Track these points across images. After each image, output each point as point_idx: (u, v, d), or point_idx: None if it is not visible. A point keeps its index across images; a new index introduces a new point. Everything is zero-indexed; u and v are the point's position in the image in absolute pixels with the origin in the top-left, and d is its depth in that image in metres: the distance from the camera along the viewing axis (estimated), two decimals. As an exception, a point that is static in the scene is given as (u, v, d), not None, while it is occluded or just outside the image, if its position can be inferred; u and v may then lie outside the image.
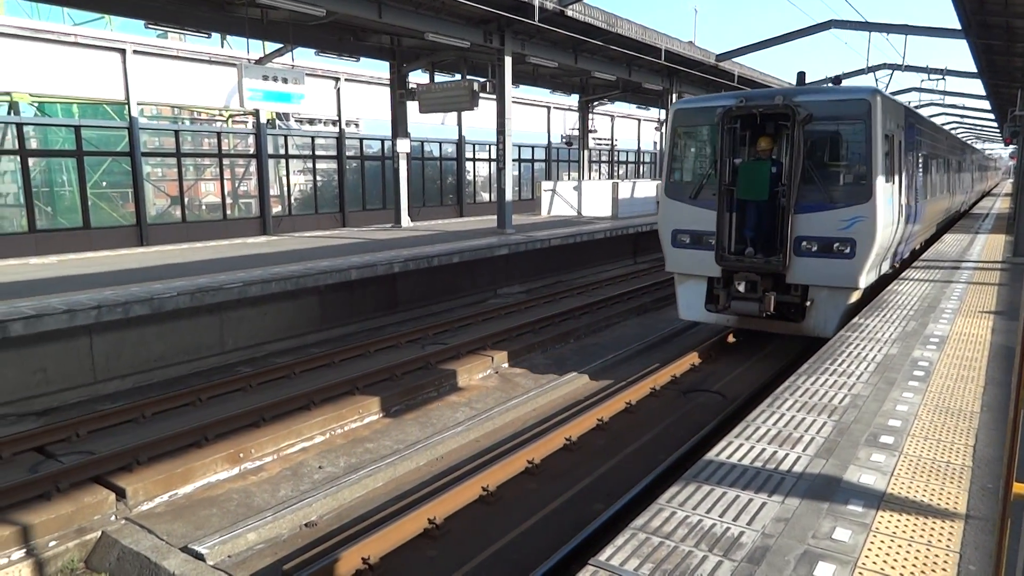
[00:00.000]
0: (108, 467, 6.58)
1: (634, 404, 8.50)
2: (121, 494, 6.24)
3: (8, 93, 16.45)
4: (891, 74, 24.01)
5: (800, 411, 4.90)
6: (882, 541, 3.15)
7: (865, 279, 8.86)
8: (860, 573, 2.89)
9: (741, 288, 9.22)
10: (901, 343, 6.81)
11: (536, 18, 14.87)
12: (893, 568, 2.93)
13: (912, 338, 7.01)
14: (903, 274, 11.06)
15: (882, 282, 10.34)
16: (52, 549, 5.65)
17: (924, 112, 25.76)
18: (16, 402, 8.45)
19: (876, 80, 26.54)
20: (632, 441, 7.55)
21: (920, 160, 12.37)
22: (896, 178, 9.50)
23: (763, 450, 4.20)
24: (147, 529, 5.90)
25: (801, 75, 10.66)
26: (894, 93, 25.18)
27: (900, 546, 3.11)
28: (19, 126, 16.45)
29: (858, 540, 3.15)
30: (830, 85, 11.76)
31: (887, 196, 8.86)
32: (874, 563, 2.97)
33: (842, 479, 3.79)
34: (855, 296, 9.02)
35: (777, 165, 9.06)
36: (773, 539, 3.16)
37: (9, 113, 16.74)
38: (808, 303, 9.06)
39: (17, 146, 16.42)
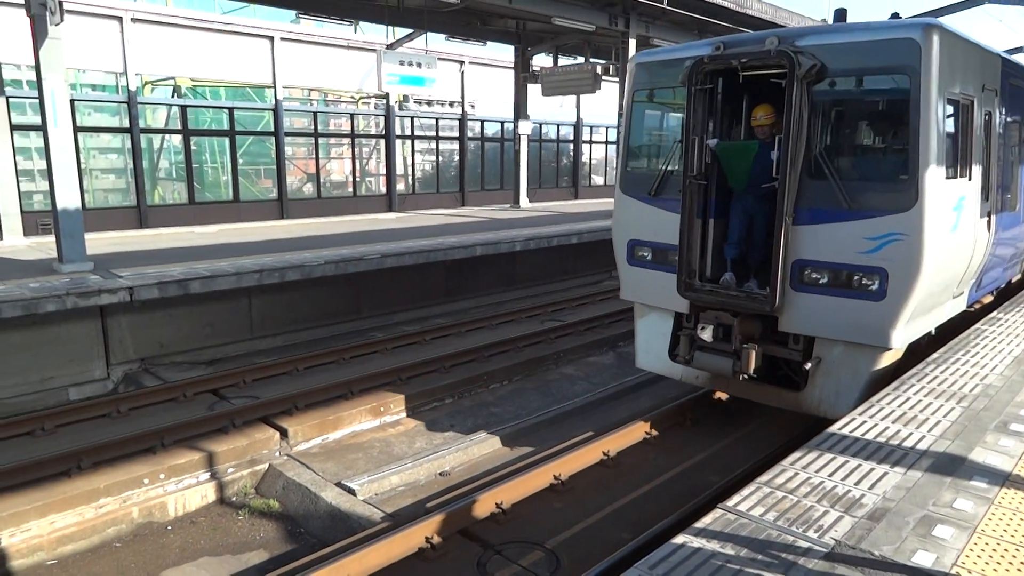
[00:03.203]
0: (272, 410, 7.52)
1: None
2: (284, 434, 7.15)
3: (172, 78, 18.27)
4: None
5: (927, 396, 4.97)
6: (1003, 513, 3.30)
7: (904, 333, 5.61)
8: (979, 537, 3.08)
9: (706, 334, 6.11)
10: (1042, 338, 6.58)
11: (665, 0, 14.89)
12: (1013, 536, 3.10)
13: (1055, 334, 6.75)
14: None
15: (954, 327, 7.04)
16: (230, 475, 6.60)
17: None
18: (190, 351, 9.68)
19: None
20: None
21: None
22: (971, 171, 6.16)
23: (887, 428, 4.36)
24: (306, 465, 6.75)
25: (841, 12, 6.74)
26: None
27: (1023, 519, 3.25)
28: (183, 108, 18.25)
29: (979, 511, 3.32)
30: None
31: (947, 202, 5.61)
32: (994, 530, 3.14)
33: (967, 458, 3.91)
34: (888, 359, 5.81)
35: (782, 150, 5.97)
36: (893, 503, 3.39)
37: (173, 96, 18.61)
38: (812, 364, 5.95)
39: (180, 126, 18.25)
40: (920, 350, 6.34)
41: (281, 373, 8.86)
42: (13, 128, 13.31)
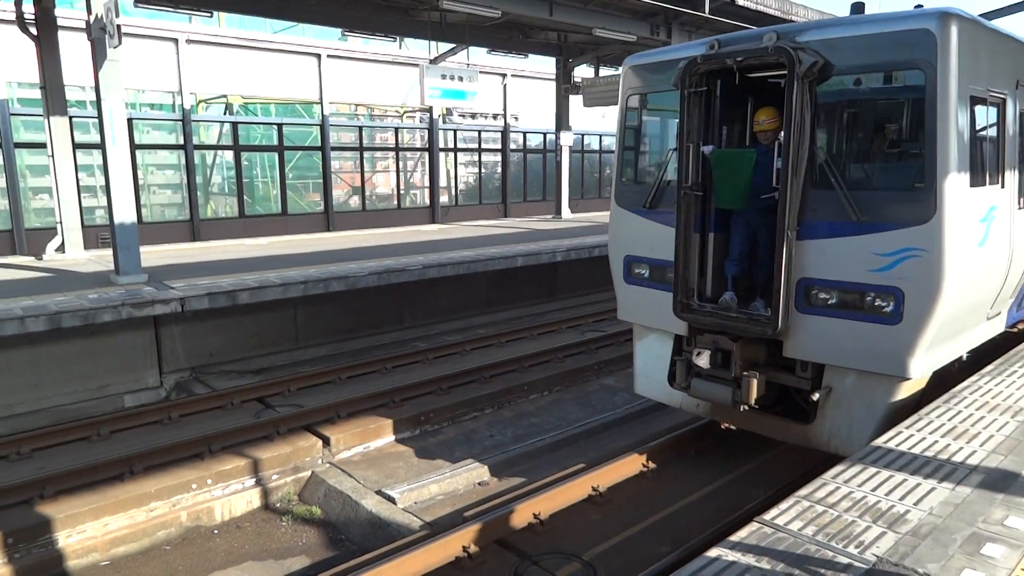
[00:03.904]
0: (315, 418, 7.68)
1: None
2: (326, 442, 7.28)
3: (224, 96, 18.89)
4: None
5: (980, 409, 4.79)
6: (1060, 532, 3.16)
7: (925, 361, 5.04)
8: (1032, 557, 2.96)
9: (702, 360, 5.65)
10: (1107, 350, 6.28)
11: (706, 9, 14.77)
12: (1070, 557, 2.97)
13: (1121, 345, 6.43)
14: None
15: (989, 351, 6.36)
16: (275, 481, 6.75)
17: None
18: (238, 360, 9.95)
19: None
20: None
21: None
22: (1004, 178, 5.58)
23: (935, 442, 4.22)
24: (347, 473, 6.86)
25: (857, 6, 6.03)
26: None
27: (1081, 540, 3.11)
28: (234, 124, 18.84)
29: (1033, 529, 3.19)
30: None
31: (973, 212, 5.04)
32: (1049, 550, 3.01)
33: (1021, 474, 3.76)
34: (907, 389, 5.21)
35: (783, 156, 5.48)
36: (940, 519, 3.27)
37: (225, 113, 19.25)
38: (821, 394, 5.40)
39: (232, 142, 18.84)
40: (951, 377, 5.76)
41: (325, 382, 9.03)
42: (76, 146, 13.95)
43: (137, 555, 5.80)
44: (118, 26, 8.85)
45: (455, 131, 23.83)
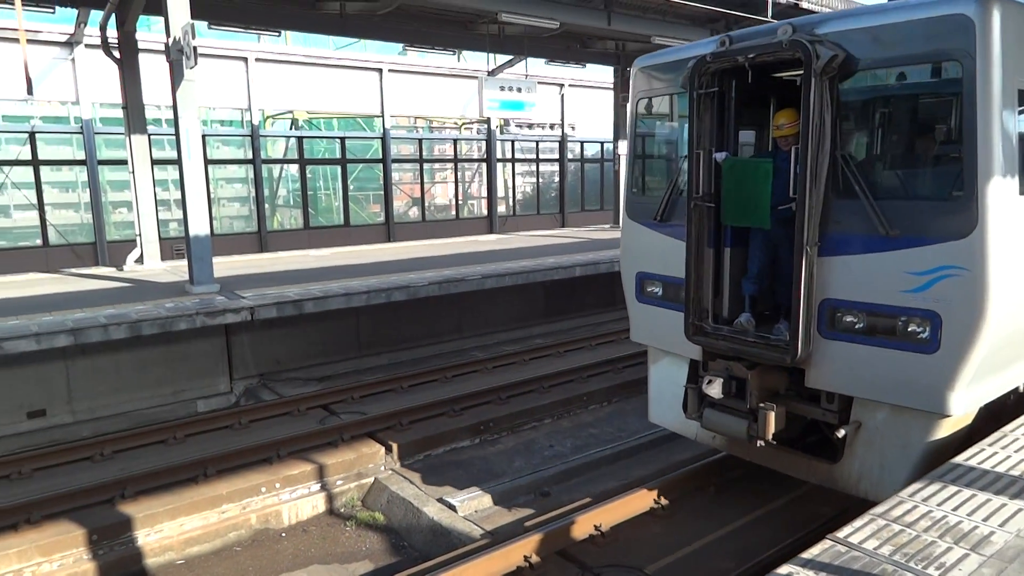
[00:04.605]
0: (378, 426, 7.82)
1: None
2: (388, 449, 7.40)
3: (290, 111, 19.54)
4: None
5: (1069, 427, 4.54)
6: None
7: (969, 396, 4.41)
8: None
9: (713, 390, 5.13)
10: None
11: (769, 13, 14.51)
12: None
13: None
14: None
15: None
16: (339, 487, 6.90)
17: None
18: (304, 367, 10.23)
19: None
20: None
21: None
22: None
23: (1020, 460, 4.01)
24: (409, 480, 6.96)
25: None
26: None
27: None
28: (299, 139, 19.45)
29: None
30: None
31: (1020, 224, 4.32)
32: None
33: (1118, 497, 3.54)
34: (949, 427, 4.60)
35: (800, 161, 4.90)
36: (1029, 543, 3.11)
37: (291, 128, 19.90)
38: (848, 430, 4.86)
39: (297, 155, 19.46)
40: (1006, 411, 5.08)
41: (387, 390, 9.19)
42: (153, 162, 14.66)
43: (210, 555, 6.01)
44: (194, 47, 9.27)
45: (513, 141, 24.00)
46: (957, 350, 4.21)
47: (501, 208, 23.81)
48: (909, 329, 4.37)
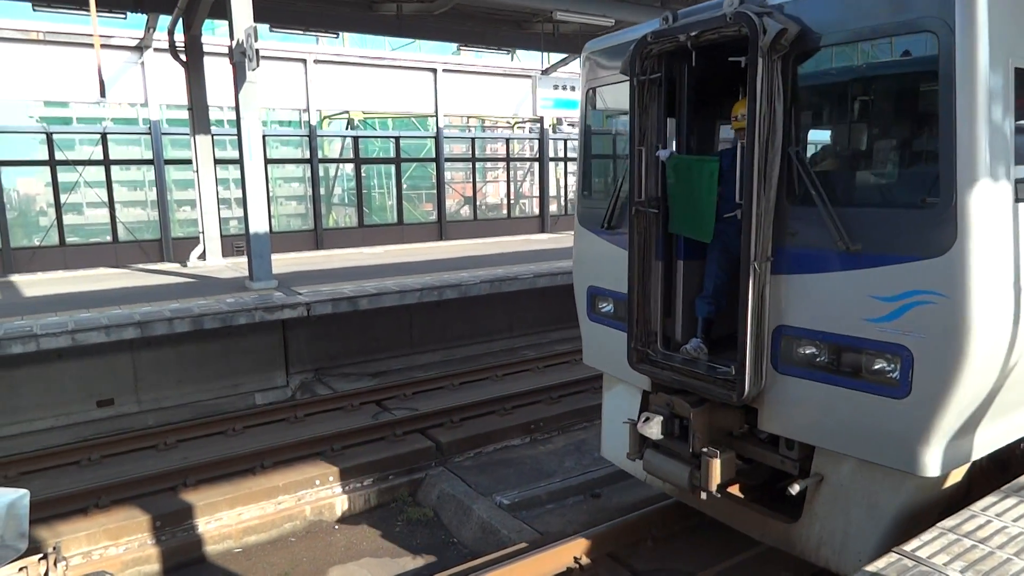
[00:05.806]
0: (429, 422, 7.90)
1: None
2: (439, 446, 7.46)
3: (347, 111, 19.90)
4: None
5: None
6: None
7: (949, 451, 3.56)
8: None
9: (650, 429, 4.38)
10: None
11: None
12: None
13: None
14: None
15: None
16: (390, 482, 6.99)
17: None
18: (357, 363, 10.41)
19: None
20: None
21: None
22: None
23: (1105, 476, 3.78)
24: (460, 477, 6.99)
25: None
26: None
27: None
28: (355, 139, 19.80)
29: None
30: None
31: (1012, 239, 3.37)
32: None
33: None
34: (927, 489, 3.82)
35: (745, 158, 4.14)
36: (1115, 564, 2.92)
37: (347, 128, 20.27)
38: (809, 484, 4.07)
39: (353, 155, 19.81)
40: (1014, 462, 4.23)
41: (438, 387, 9.28)
42: (216, 162, 15.13)
43: (266, 544, 6.17)
44: (257, 50, 9.52)
45: (565, 140, 23.91)
46: (931, 395, 3.38)
47: (553, 207, 23.74)
48: (875, 367, 3.56)
